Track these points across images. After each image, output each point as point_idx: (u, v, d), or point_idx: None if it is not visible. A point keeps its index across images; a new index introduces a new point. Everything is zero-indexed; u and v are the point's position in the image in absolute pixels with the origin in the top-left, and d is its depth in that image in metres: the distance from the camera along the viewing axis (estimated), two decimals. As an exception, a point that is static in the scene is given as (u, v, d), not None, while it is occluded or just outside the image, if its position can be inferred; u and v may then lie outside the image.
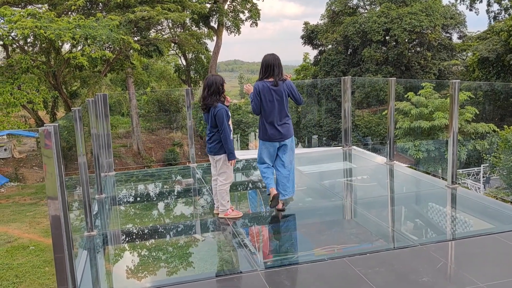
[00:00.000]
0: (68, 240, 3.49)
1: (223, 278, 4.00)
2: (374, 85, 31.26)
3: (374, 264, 3.99)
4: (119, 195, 6.95)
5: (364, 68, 33.73)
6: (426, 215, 5.60)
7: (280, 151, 5.33)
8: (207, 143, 5.18)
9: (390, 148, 7.26)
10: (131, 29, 26.00)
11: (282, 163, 5.35)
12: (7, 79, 22.81)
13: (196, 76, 38.92)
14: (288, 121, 5.27)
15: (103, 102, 7.20)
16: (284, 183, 5.36)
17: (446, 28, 36.18)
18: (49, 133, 3.25)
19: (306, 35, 38.41)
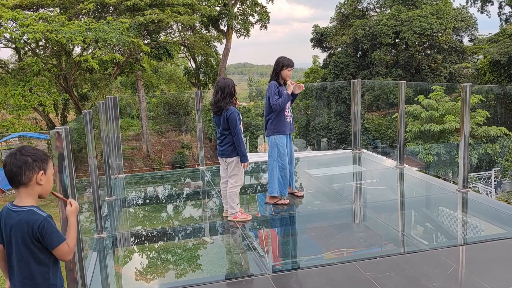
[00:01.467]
0: (78, 241, 3.50)
1: (232, 281, 3.99)
2: (384, 88, 31.11)
3: (384, 268, 3.96)
4: (128, 197, 6.99)
5: (374, 71, 33.59)
6: (437, 219, 5.55)
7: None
8: (218, 146, 5.17)
9: (400, 151, 7.21)
10: (141, 32, 26.20)
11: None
12: (18, 81, 23.10)
13: (206, 79, 39.07)
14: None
15: (113, 105, 7.24)
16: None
17: (456, 31, 35.93)
18: (60, 135, 3.28)
19: (316, 38, 38.38)
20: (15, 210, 2.46)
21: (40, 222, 2.42)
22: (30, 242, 2.42)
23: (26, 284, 2.48)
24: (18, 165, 2.45)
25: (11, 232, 2.45)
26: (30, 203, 2.49)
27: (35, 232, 2.41)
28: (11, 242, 2.46)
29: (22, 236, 2.42)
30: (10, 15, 21.43)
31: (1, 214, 2.51)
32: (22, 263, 2.46)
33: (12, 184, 2.47)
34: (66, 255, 2.52)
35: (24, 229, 2.41)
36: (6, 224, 2.47)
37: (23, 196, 2.49)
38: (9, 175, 2.46)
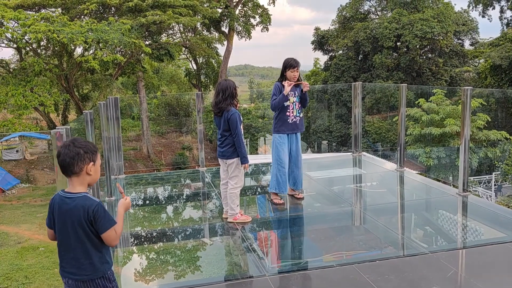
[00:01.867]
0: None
1: (231, 283, 3.99)
2: (385, 91, 31.13)
3: (383, 271, 3.95)
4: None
5: (375, 74, 33.62)
6: (437, 223, 5.54)
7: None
8: (218, 147, 5.18)
9: (401, 154, 7.21)
10: (143, 33, 26.24)
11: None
12: (20, 81, 23.13)
13: (207, 80, 39.12)
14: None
15: (114, 105, 7.25)
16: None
17: (458, 35, 35.98)
18: (61, 135, 3.28)
19: (317, 40, 38.42)
20: (70, 196, 2.65)
21: (94, 206, 2.62)
22: (85, 225, 2.62)
23: (82, 264, 2.66)
24: (71, 156, 2.64)
25: (66, 217, 2.63)
26: (82, 190, 2.68)
27: (90, 215, 2.61)
28: (67, 226, 2.64)
29: (79, 220, 2.61)
30: (12, 15, 21.47)
31: (53, 202, 2.70)
32: (78, 244, 2.65)
33: (65, 172, 2.67)
34: (113, 240, 2.69)
35: (80, 213, 2.61)
36: (61, 209, 2.65)
37: (76, 184, 2.68)
38: (62, 165, 2.65)
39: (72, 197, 2.64)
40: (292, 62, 5.59)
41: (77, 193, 2.66)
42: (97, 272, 2.71)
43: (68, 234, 2.65)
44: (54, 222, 2.71)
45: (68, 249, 2.67)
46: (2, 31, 21.59)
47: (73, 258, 2.67)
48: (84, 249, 2.66)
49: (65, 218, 2.64)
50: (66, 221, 2.64)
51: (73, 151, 2.64)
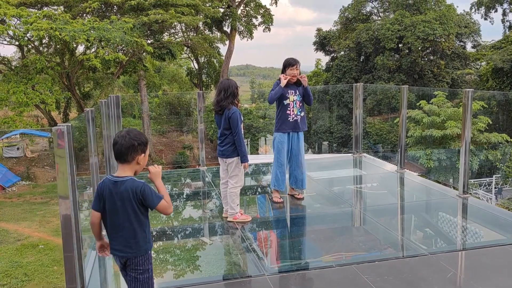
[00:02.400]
0: (78, 239, 3.51)
1: (231, 282, 3.99)
2: (386, 93, 31.11)
3: (382, 272, 3.95)
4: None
5: (377, 76, 33.60)
6: (437, 224, 5.54)
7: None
8: (218, 146, 5.19)
9: (401, 156, 7.21)
10: (145, 32, 26.24)
11: None
12: (21, 79, 23.13)
13: (208, 80, 39.12)
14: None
15: (115, 104, 7.25)
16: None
17: (460, 37, 35.94)
18: (62, 132, 3.28)
19: (319, 41, 38.41)
20: (119, 180, 2.91)
21: (141, 187, 2.90)
22: (135, 205, 2.89)
23: (130, 243, 2.94)
24: (127, 146, 2.91)
25: (117, 198, 2.89)
26: (129, 174, 2.96)
27: (138, 195, 2.88)
28: (117, 207, 2.90)
29: (129, 200, 2.88)
30: (14, 12, 21.47)
31: (102, 186, 2.95)
32: (127, 223, 2.91)
33: (118, 159, 2.95)
34: (167, 208, 2.99)
35: (129, 194, 2.88)
36: (111, 192, 2.91)
37: (126, 170, 2.96)
38: (117, 153, 2.93)
39: (121, 180, 2.90)
40: (291, 61, 5.66)
41: (125, 177, 2.92)
42: (141, 250, 2.97)
43: (118, 214, 2.90)
44: (104, 204, 2.94)
45: (117, 229, 2.93)
46: (4, 28, 21.60)
47: (121, 237, 2.93)
48: (131, 228, 2.92)
49: (115, 200, 2.90)
50: (116, 203, 2.90)
51: (128, 142, 2.92)
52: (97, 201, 2.97)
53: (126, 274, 3.03)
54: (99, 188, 2.97)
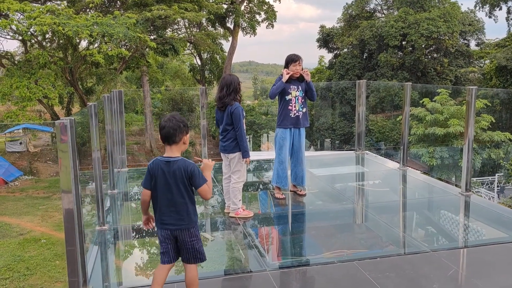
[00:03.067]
0: (80, 233, 3.52)
1: (232, 277, 4.00)
2: (389, 90, 31.03)
3: (384, 268, 3.95)
4: (131, 191, 7.01)
5: (380, 73, 33.51)
6: (439, 222, 5.54)
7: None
8: (220, 141, 5.21)
9: (404, 153, 7.20)
10: (148, 27, 26.22)
11: None
12: (24, 73, 23.15)
13: (211, 76, 39.08)
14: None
15: (118, 99, 7.26)
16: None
17: (464, 35, 35.79)
18: (65, 126, 3.28)
19: (322, 38, 38.30)
20: (171, 160, 3.23)
21: (191, 166, 3.23)
22: (186, 182, 3.22)
23: (183, 216, 3.25)
24: (174, 128, 3.23)
25: (169, 177, 3.20)
26: (177, 155, 3.27)
27: (188, 173, 3.20)
28: (170, 184, 3.21)
29: (181, 178, 3.21)
30: (17, 7, 21.47)
31: (155, 166, 3.24)
32: (179, 199, 3.23)
33: (167, 141, 3.25)
34: (208, 193, 3.29)
35: (182, 173, 3.20)
36: (164, 171, 3.21)
37: (174, 151, 3.27)
38: (166, 135, 3.23)
39: (174, 160, 3.22)
40: (294, 57, 5.65)
41: (177, 157, 3.25)
42: (191, 222, 3.31)
43: (172, 191, 3.21)
44: (155, 183, 3.22)
45: (170, 204, 3.23)
46: (7, 23, 21.61)
47: (174, 211, 3.25)
48: (184, 203, 3.24)
49: (168, 178, 3.21)
50: (169, 180, 3.21)
51: (175, 124, 3.24)
52: (149, 180, 3.26)
53: (176, 246, 3.36)
54: (150, 168, 3.25)
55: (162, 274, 3.37)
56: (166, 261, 3.36)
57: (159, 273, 3.37)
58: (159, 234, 3.35)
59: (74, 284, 3.47)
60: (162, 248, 3.35)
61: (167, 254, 3.35)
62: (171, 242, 3.33)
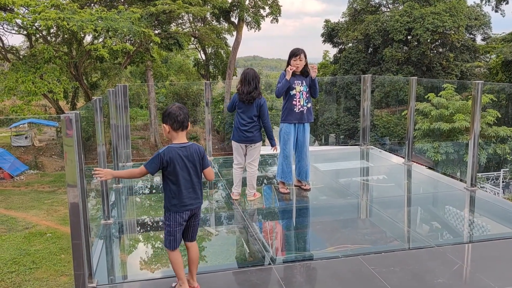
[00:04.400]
0: (86, 227, 3.53)
1: (236, 271, 4.01)
2: (394, 85, 30.88)
3: (389, 263, 3.95)
4: (135, 185, 7.02)
5: (385, 68, 33.35)
6: (444, 217, 5.52)
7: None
8: (245, 132, 5.43)
9: (409, 148, 7.17)
10: (152, 22, 26.20)
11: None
12: (29, 68, 23.21)
13: (215, 71, 39.04)
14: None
15: (123, 93, 7.26)
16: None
17: (470, 29, 35.52)
18: (70, 120, 3.29)
19: (327, 32, 38.13)
20: (186, 145, 3.50)
21: (202, 148, 3.57)
22: (200, 162, 3.51)
23: (198, 194, 3.52)
24: (187, 114, 3.57)
25: (187, 160, 3.45)
26: (186, 140, 3.54)
27: (202, 154, 3.53)
28: (188, 167, 3.45)
29: (198, 159, 3.50)
30: (22, 1, 21.50)
31: (169, 153, 3.43)
32: (197, 179, 3.51)
33: (180, 127, 3.50)
34: (212, 174, 3.61)
35: (198, 154, 3.50)
36: (181, 156, 3.43)
37: (184, 136, 3.56)
38: (181, 122, 3.50)
39: (188, 145, 3.50)
40: (295, 51, 5.63)
41: (189, 142, 3.53)
42: (202, 200, 3.60)
43: (190, 173, 3.45)
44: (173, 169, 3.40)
45: (189, 185, 3.46)
46: (13, 17, 21.65)
47: (192, 191, 3.48)
48: (199, 182, 3.52)
49: (186, 162, 3.44)
50: (187, 164, 3.44)
51: (187, 111, 3.57)
52: (157, 167, 3.43)
53: (187, 225, 3.54)
54: (163, 155, 3.41)
55: (180, 256, 3.54)
56: (178, 244, 3.52)
57: (178, 256, 3.51)
58: (175, 219, 3.47)
59: (79, 278, 3.49)
60: (174, 233, 3.48)
61: (179, 239, 3.52)
62: (183, 225, 3.51)
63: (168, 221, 3.48)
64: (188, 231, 3.57)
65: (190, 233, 3.58)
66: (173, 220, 3.46)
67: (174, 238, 3.48)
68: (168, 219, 3.48)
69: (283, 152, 5.79)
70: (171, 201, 3.46)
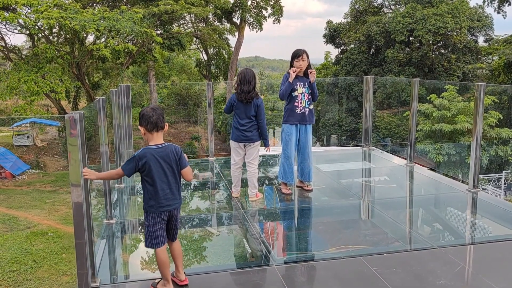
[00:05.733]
0: (89, 226, 3.55)
1: (238, 271, 4.02)
2: (396, 86, 30.86)
3: (391, 264, 3.96)
4: (138, 185, 7.03)
5: (387, 69, 33.35)
6: (445, 218, 5.52)
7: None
8: (243, 132, 5.47)
9: (411, 149, 7.17)
10: (154, 22, 26.22)
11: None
12: (32, 68, 23.25)
13: (217, 71, 39.05)
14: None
15: (125, 93, 7.27)
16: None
17: (472, 31, 35.49)
18: (74, 120, 3.30)
19: (329, 33, 38.14)
20: (162, 146, 3.49)
21: (179, 148, 3.56)
22: (177, 162, 3.50)
23: (176, 195, 3.52)
24: (162, 115, 3.53)
25: (163, 161, 3.43)
26: (162, 141, 3.53)
27: (178, 154, 3.51)
28: (164, 168, 3.44)
29: (174, 159, 3.48)
30: (25, 1, 21.53)
31: (144, 155, 3.43)
32: (173, 179, 3.49)
33: (154, 128, 3.49)
34: (190, 174, 3.62)
35: (174, 154, 3.48)
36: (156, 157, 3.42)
37: (160, 137, 3.54)
38: (156, 122, 3.48)
39: (164, 146, 3.49)
40: (297, 51, 5.63)
41: (165, 143, 3.51)
42: (181, 201, 3.61)
43: (167, 174, 3.45)
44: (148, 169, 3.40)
45: (166, 186, 3.46)
46: (15, 17, 21.68)
47: (170, 192, 3.49)
48: (176, 183, 3.51)
49: (162, 163, 3.43)
50: (163, 165, 3.44)
51: (161, 112, 3.55)
52: (133, 169, 3.46)
53: (167, 226, 3.56)
54: (138, 157, 3.43)
55: (166, 256, 3.55)
56: (162, 243, 3.53)
57: (164, 256, 3.52)
58: (154, 219, 3.49)
59: (82, 277, 3.50)
60: (156, 232, 3.50)
61: (162, 237, 3.53)
62: (164, 224, 3.53)
63: (148, 221, 3.52)
64: (169, 232, 3.61)
65: (171, 234, 3.63)
66: (152, 221, 3.50)
67: (156, 237, 3.51)
68: (147, 219, 3.53)
69: (284, 152, 5.80)
70: (148, 202, 3.50)
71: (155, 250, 3.53)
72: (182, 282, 3.68)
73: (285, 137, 5.76)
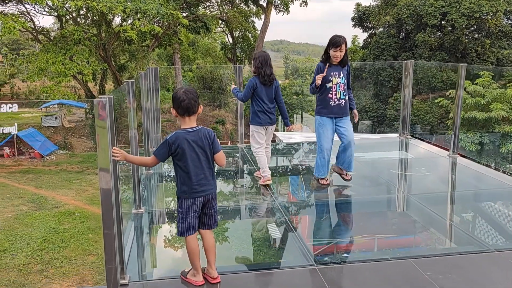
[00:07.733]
0: (118, 214, 3.29)
1: (276, 271, 3.72)
2: (426, 71, 29.87)
3: (444, 268, 3.60)
4: (166, 172, 6.81)
5: (417, 54, 32.27)
6: (501, 217, 5.08)
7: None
8: (268, 114, 5.44)
9: (455, 139, 6.72)
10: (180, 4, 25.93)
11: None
12: (60, 49, 23.35)
13: (242, 54, 38.59)
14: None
15: (154, 76, 7.03)
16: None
17: (508, 14, 33.92)
18: (104, 105, 3.05)
19: (357, 16, 37.10)
20: (195, 130, 3.35)
21: (212, 132, 3.44)
22: (210, 146, 3.36)
23: (210, 180, 3.38)
24: (194, 99, 3.36)
25: (196, 145, 3.31)
26: (196, 125, 3.39)
27: (211, 137, 3.38)
28: (197, 153, 3.32)
29: (208, 144, 3.35)
30: (53, -18, 21.51)
31: (177, 139, 3.29)
32: (207, 164, 3.37)
33: (187, 112, 3.34)
34: (223, 159, 3.46)
35: (207, 138, 3.35)
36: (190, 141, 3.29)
37: (193, 121, 3.39)
38: (188, 107, 3.33)
39: (196, 130, 3.35)
40: (336, 40, 5.05)
41: (198, 126, 3.37)
42: (216, 186, 3.48)
43: (200, 158, 3.33)
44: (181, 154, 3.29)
45: (199, 171, 3.33)
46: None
47: (204, 178, 3.35)
48: (210, 168, 3.39)
49: (195, 147, 3.31)
50: (196, 150, 3.31)
51: (194, 95, 3.37)
52: (166, 154, 3.33)
53: (202, 212, 3.42)
54: (171, 142, 3.29)
55: (197, 244, 3.40)
56: (194, 230, 3.39)
57: (194, 244, 3.37)
58: (187, 205, 3.35)
59: (111, 271, 3.27)
60: (189, 219, 3.36)
61: (193, 225, 3.38)
62: (197, 212, 3.38)
63: (181, 208, 3.37)
64: (203, 219, 3.44)
65: (205, 221, 3.45)
66: (185, 207, 3.35)
67: (187, 225, 3.36)
68: (180, 206, 3.37)
69: (318, 146, 5.42)
70: (181, 188, 3.36)
71: (186, 238, 3.38)
72: (214, 280, 3.40)
73: (318, 129, 5.35)
